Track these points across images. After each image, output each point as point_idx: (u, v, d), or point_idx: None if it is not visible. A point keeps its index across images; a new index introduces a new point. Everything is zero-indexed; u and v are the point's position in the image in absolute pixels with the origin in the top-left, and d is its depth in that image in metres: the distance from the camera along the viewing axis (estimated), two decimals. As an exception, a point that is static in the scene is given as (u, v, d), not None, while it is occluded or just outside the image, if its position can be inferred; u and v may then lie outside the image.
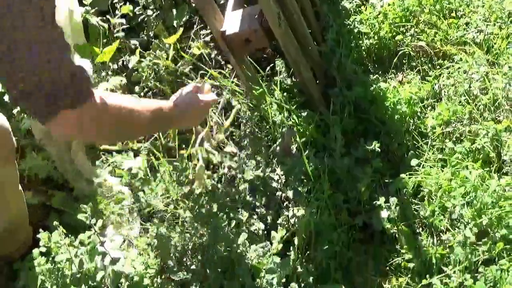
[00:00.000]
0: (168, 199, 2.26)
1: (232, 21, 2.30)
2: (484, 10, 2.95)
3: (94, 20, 2.85)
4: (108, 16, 2.94)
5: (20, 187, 2.23)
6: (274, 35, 2.22)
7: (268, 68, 2.60)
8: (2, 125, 1.96)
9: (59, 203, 2.53)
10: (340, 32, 2.86)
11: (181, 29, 2.73)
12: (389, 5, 3.07)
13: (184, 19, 2.91)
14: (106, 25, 2.89)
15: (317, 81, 2.56)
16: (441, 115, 2.45)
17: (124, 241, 2.29)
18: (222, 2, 2.84)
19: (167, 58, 2.69)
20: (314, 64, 2.57)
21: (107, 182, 2.45)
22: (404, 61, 2.86)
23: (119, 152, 2.52)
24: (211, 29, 2.31)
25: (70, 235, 2.14)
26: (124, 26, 2.89)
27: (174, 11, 2.93)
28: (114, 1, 2.93)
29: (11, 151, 2.05)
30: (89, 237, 2.09)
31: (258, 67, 2.55)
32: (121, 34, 2.87)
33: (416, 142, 2.42)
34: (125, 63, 2.88)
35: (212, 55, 2.80)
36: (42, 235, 2.07)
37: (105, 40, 2.90)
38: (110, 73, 2.73)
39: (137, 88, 2.75)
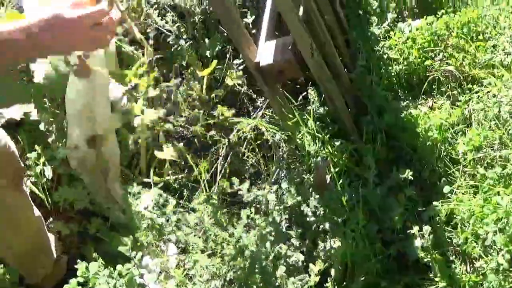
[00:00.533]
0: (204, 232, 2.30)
1: (265, 52, 2.34)
2: (510, 32, 2.97)
3: (128, 48, 2.89)
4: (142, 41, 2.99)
5: (36, 213, 2.26)
6: (307, 66, 2.25)
7: (301, 97, 2.63)
8: (5, 145, 1.99)
9: (95, 231, 2.57)
10: (370, 58, 2.91)
11: (215, 61, 2.78)
12: (417, 29, 3.09)
13: (216, 49, 2.95)
14: (140, 53, 2.94)
15: (349, 109, 2.58)
16: (471, 140, 2.46)
17: (161, 272, 2.32)
18: (254, 31, 2.88)
19: (200, 89, 2.74)
20: (346, 91, 2.61)
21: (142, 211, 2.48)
22: (433, 86, 2.89)
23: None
24: (245, 61, 2.35)
25: (108, 266, 2.17)
26: (158, 56, 2.93)
27: (207, 40, 2.97)
28: (148, 31, 2.98)
29: (17, 174, 2.09)
30: (128, 269, 2.12)
31: (290, 97, 2.58)
32: (154, 63, 2.91)
33: (447, 169, 2.44)
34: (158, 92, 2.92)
35: (245, 87, 2.85)
36: (80, 266, 2.10)
37: (138, 69, 2.94)
38: (145, 102, 2.78)
39: (171, 118, 2.79)
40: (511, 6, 3.46)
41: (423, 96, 2.85)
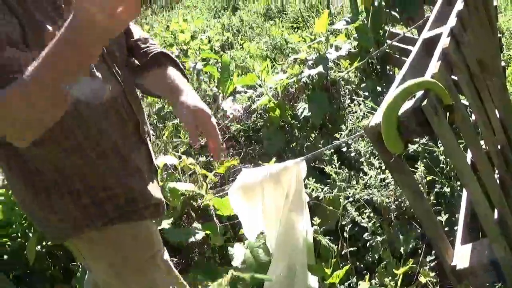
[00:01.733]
0: None
1: (462, 256, 2.35)
2: None
3: (324, 240, 3.10)
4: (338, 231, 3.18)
5: None
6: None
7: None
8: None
9: None
10: None
11: (411, 260, 2.87)
12: None
13: (411, 246, 3.06)
14: (334, 246, 3.13)
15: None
16: None
17: None
18: (446, 229, 2.96)
19: (395, 286, 2.83)
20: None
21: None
22: None
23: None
24: (443, 264, 2.35)
25: None
26: (352, 249, 3.09)
27: (401, 236, 3.10)
28: (343, 223, 3.17)
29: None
30: None
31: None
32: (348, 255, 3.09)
33: None
34: (351, 285, 3.06)
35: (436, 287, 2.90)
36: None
37: (334, 260, 3.12)
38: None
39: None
40: None
41: None
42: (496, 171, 2.77)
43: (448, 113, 1.84)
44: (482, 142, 2.75)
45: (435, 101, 1.73)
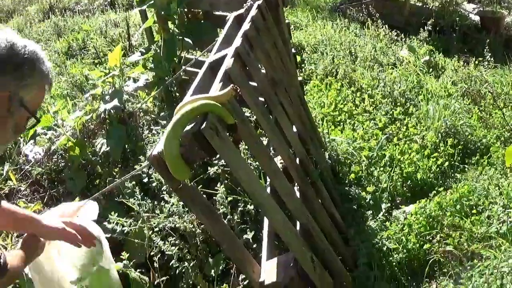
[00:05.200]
0: None
1: (269, 271, 2.40)
2: (501, 200, 3.11)
3: (134, 273, 3.01)
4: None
5: None
6: (310, 279, 2.33)
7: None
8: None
9: None
10: (370, 254, 3.01)
11: (226, 285, 2.88)
12: (411, 215, 3.24)
13: (221, 267, 3.07)
14: (146, 278, 3.05)
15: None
16: (480, 318, 2.51)
17: None
18: (254, 245, 3.01)
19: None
20: (350, 292, 2.68)
21: None
22: (435, 268, 2.97)
23: None
24: (251, 282, 2.37)
25: None
26: (164, 278, 3.04)
27: (211, 260, 3.10)
28: (152, 253, 3.11)
29: None
30: None
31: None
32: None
33: None
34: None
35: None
36: None
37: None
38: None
39: None
40: (498, 171, 3.66)
41: (426, 279, 2.90)
42: (295, 184, 2.85)
43: (232, 133, 1.86)
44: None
45: (216, 122, 1.74)
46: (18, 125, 1.78)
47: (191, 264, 3.01)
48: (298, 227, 2.52)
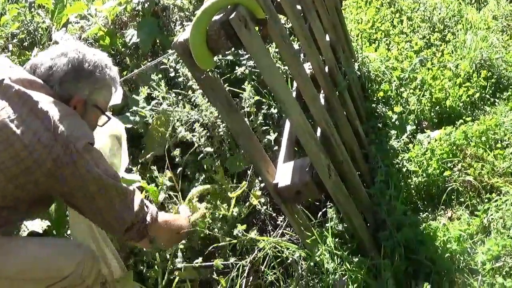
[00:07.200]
0: None
1: (284, 174, 2.39)
2: (529, 137, 3.05)
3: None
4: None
5: None
6: (324, 187, 2.31)
7: (320, 213, 2.71)
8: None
9: None
10: (388, 172, 2.98)
11: (244, 183, 2.87)
12: (436, 140, 3.19)
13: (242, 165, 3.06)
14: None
15: (367, 224, 2.66)
16: (490, 250, 2.49)
17: None
18: (275, 148, 3.00)
19: (227, 209, 2.84)
20: (364, 208, 2.67)
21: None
22: (453, 196, 2.94)
23: None
24: (265, 182, 2.39)
25: None
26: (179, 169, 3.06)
27: (230, 157, 3.10)
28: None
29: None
30: None
31: (310, 214, 2.67)
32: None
33: (466, 279, 2.46)
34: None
35: (266, 206, 2.93)
36: None
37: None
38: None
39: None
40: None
41: (442, 207, 2.90)
42: (322, 91, 2.81)
43: (261, 27, 1.82)
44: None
45: (245, 14, 1.69)
46: (91, 123, 2.13)
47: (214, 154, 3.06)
48: (318, 134, 2.49)
